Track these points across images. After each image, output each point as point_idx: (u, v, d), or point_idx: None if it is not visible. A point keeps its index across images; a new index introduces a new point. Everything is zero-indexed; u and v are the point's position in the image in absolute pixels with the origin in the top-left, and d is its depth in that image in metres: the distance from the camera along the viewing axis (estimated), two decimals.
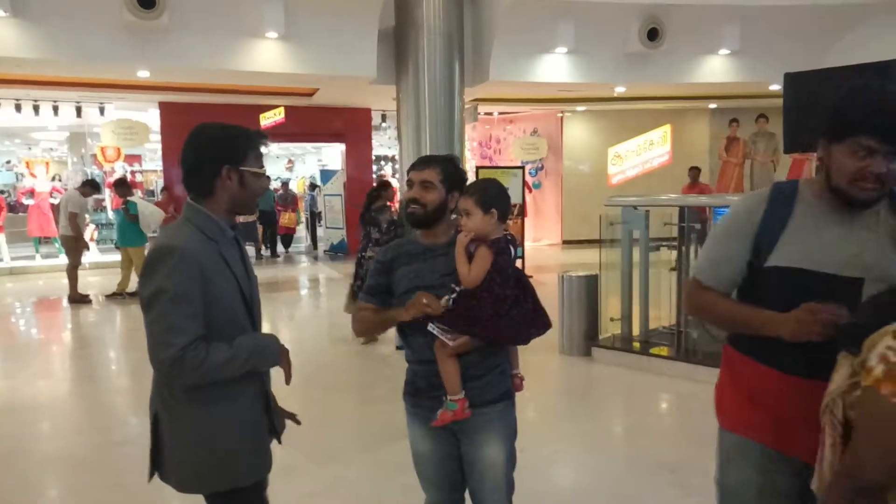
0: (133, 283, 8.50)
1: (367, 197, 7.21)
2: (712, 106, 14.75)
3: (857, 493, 1.37)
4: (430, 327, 2.06)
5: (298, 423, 2.20)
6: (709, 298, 1.84)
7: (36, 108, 12.08)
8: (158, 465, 1.94)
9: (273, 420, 2.07)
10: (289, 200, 15.35)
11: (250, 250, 14.61)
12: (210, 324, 1.80)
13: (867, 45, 9.04)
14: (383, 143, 18.33)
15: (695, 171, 11.80)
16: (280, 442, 2.14)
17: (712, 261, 1.85)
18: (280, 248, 15.13)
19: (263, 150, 1.97)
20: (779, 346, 1.66)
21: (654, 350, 5.94)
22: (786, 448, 1.76)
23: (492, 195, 2.12)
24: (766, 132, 11.95)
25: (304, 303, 10.29)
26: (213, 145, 1.89)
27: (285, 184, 16.69)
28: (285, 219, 15.01)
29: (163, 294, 1.75)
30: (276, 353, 1.96)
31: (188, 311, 1.75)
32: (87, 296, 9.36)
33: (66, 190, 10.95)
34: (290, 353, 2.02)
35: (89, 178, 10.49)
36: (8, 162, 22.53)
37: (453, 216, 2.22)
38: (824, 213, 1.70)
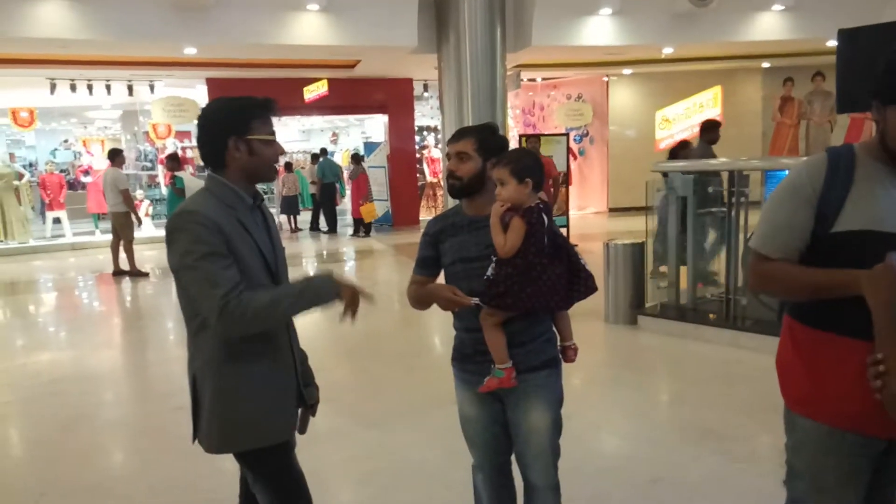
0: None
1: (669, 154, 8.26)
2: (765, 65, 14.19)
3: None
4: (476, 302, 2.13)
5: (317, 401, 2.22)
6: (776, 268, 1.75)
7: (90, 88, 12.46)
8: (197, 427, 2.02)
9: (301, 387, 2.12)
10: (354, 176, 13.57)
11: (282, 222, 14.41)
12: None
13: None
14: (425, 114, 18.27)
15: None
16: (314, 415, 2.19)
17: (774, 230, 1.76)
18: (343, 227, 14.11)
19: (272, 117, 1.99)
20: (864, 311, 1.57)
21: (701, 318, 5.86)
22: (870, 428, 1.67)
23: (526, 164, 2.12)
24: (823, 91, 11.49)
25: (350, 275, 10.46)
26: (218, 119, 1.95)
27: (356, 156, 14.34)
28: (365, 211, 13.41)
29: (190, 255, 1.81)
30: (332, 288, 1.93)
31: (219, 265, 1.80)
32: (139, 270, 9.63)
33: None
34: (339, 323, 1.96)
35: (113, 149, 10.67)
36: (65, 141, 23.31)
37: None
38: (888, 175, 1.65)
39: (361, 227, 13.52)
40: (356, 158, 14.13)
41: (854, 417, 1.68)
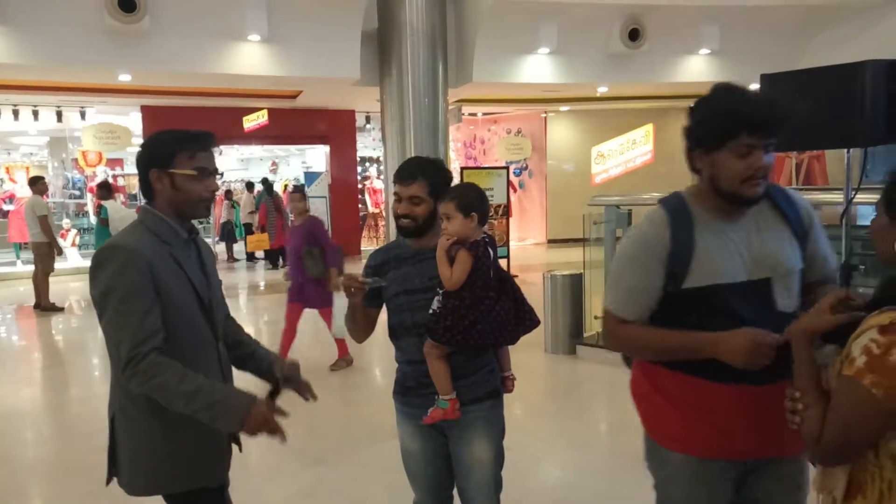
0: None
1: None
2: None
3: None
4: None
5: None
6: (635, 333, 1.78)
7: (15, 113, 11.98)
8: (115, 468, 1.92)
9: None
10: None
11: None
12: (165, 325, 1.77)
13: (841, 47, 9.19)
14: (367, 145, 18.30)
15: None
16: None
17: (630, 291, 1.78)
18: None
19: (207, 150, 1.89)
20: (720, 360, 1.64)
21: None
22: (733, 454, 1.76)
23: (471, 199, 2.15)
24: None
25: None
26: (144, 150, 1.90)
27: (269, 187, 14.13)
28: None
29: (112, 293, 1.73)
30: (240, 415, 1.74)
31: (141, 308, 1.73)
32: (52, 304, 9.09)
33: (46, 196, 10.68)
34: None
35: (35, 176, 10.25)
36: None
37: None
38: (719, 224, 1.72)
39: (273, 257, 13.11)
40: (269, 189, 13.87)
41: (723, 448, 1.76)
